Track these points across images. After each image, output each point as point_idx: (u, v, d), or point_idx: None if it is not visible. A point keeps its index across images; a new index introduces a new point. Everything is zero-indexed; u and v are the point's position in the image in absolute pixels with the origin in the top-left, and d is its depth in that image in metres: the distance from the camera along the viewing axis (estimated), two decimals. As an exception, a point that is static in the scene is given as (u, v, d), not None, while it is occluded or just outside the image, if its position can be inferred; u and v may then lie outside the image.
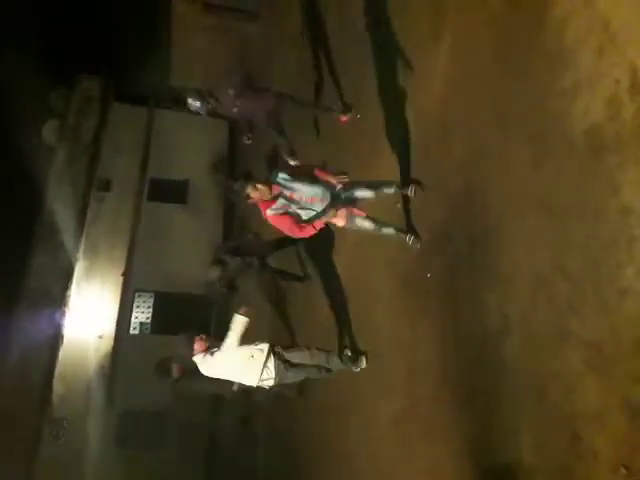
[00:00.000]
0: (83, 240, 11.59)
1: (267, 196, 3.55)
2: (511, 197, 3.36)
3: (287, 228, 3.60)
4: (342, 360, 4.50)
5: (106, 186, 12.06)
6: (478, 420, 3.41)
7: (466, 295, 3.69)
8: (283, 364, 4.16)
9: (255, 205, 3.68)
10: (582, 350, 2.77)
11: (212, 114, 5.70)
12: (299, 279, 6.56)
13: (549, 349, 2.98)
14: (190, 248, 11.70)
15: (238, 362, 4.04)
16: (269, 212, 3.57)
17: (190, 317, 10.72)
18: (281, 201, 3.56)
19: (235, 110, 5.38)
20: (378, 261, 4.80)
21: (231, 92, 5.19)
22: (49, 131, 12.17)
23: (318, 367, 4.35)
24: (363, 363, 4.52)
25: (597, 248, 2.75)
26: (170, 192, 12.62)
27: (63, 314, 10.87)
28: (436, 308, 3.95)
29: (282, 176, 3.61)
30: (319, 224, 3.68)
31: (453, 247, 3.87)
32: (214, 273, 5.91)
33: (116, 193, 12.12)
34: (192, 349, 4.15)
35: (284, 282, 6.83)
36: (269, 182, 3.59)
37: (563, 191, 2.96)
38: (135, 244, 11.89)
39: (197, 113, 5.51)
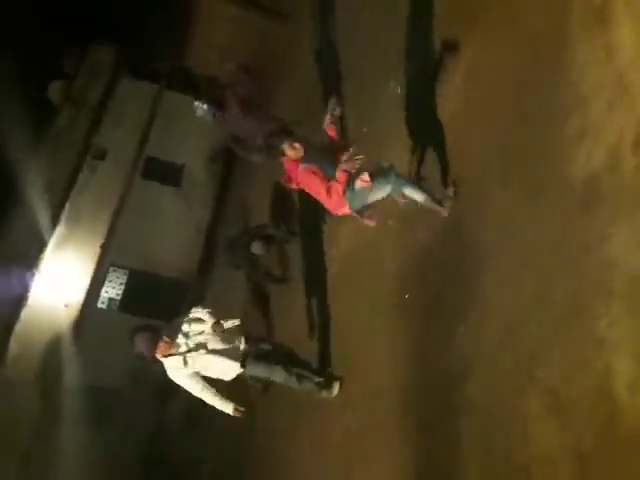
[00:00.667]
0: (67, 205, 11.42)
1: (299, 156, 3.54)
2: (501, 231, 3.35)
3: (317, 186, 3.48)
4: (315, 385, 4.31)
5: (101, 155, 11.93)
6: (429, 449, 3.36)
7: (438, 323, 3.66)
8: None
9: (281, 164, 3.69)
10: (543, 395, 2.74)
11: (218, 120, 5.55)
12: (276, 281, 6.51)
13: (511, 389, 2.96)
14: (174, 232, 11.60)
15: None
16: (301, 167, 3.53)
17: (162, 301, 10.57)
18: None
19: (236, 128, 5.35)
20: (363, 274, 4.76)
21: (237, 111, 5.17)
22: (55, 90, 12.04)
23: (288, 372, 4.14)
24: (335, 390, 4.36)
25: (575, 296, 2.74)
26: (165, 173, 12.51)
27: (32, 276, 10.66)
28: (409, 330, 3.92)
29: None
30: (342, 178, 3.47)
31: (435, 274, 3.85)
32: (259, 249, 5.93)
33: (110, 164, 11.99)
34: (154, 349, 3.91)
35: (265, 281, 6.75)
36: (305, 143, 3.63)
37: (552, 233, 2.96)
38: (120, 218, 11.75)
39: (202, 117, 5.44)
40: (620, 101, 2.73)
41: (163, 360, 3.92)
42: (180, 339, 3.93)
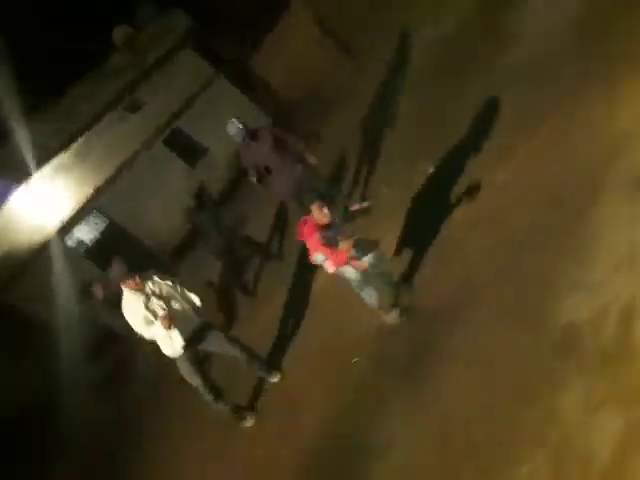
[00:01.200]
0: (83, 138, 11.41)
1: (323, 222, 3.55)
2: (470, 339, 3.34)
3: (322, 252, 3.56)
4: (259, 366, 4.30)
5: (135, 108, 12.01)
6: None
7: (373, 401, 3.61)
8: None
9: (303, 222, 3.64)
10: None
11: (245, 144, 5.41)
12: (244, 290, 6.39)
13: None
14: (169, 207, 11.48)
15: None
16: (318, 235, 3.53)
17: (127, 262, 10.39)
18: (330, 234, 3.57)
19: (258, 160, 5.29)
20: (330, 320, 4.68)
21: (268, 148, 5.12)
22: (120, 33, 12.18)
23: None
24: (248, 423, 4.28)
25: (509, 429, 2.72)
26: (186, 149, 12.56)
27: (17, 187, 10.51)
28: (348, 393, 3.85)
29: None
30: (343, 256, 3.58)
31: (390, 358, 3.80)
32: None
33: (140, 119, 12.04)
34: (125, 279, 3.90)
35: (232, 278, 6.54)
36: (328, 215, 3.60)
37: (517, 361, 2.96)
38: (125, 172, 11.72)
39: (232, 134, 5.38)
40: (626, 269, 2.78)
41: (126, 291, 3.90)
42: (149, 285, 3.95)
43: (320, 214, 3.55)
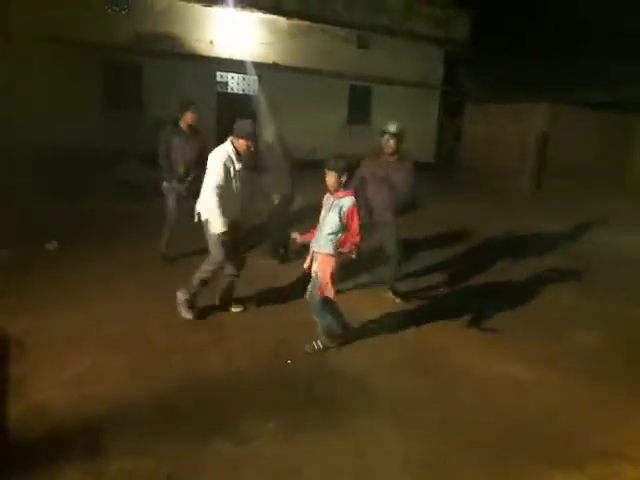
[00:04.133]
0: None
1: (332, 188, 3.46)
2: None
3: (357, 224, 3.44)
4: (193, 295, 3.97)
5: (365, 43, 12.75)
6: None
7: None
8: None
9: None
10: None
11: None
12: (278, 251, 5.66)
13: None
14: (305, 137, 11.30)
15: None
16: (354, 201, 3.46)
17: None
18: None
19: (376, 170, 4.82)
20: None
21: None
22: None
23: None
24: (237, 309, 4.13)
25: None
26: (358, 106, 13.03)
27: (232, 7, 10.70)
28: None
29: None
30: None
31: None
32: None
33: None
34: (246, 138, 3.78)
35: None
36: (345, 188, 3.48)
37: None
38: (309, 75, 12.13)
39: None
40: None
41: (230, 147, 3.82)
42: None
43: (332, 179, 3.43)
